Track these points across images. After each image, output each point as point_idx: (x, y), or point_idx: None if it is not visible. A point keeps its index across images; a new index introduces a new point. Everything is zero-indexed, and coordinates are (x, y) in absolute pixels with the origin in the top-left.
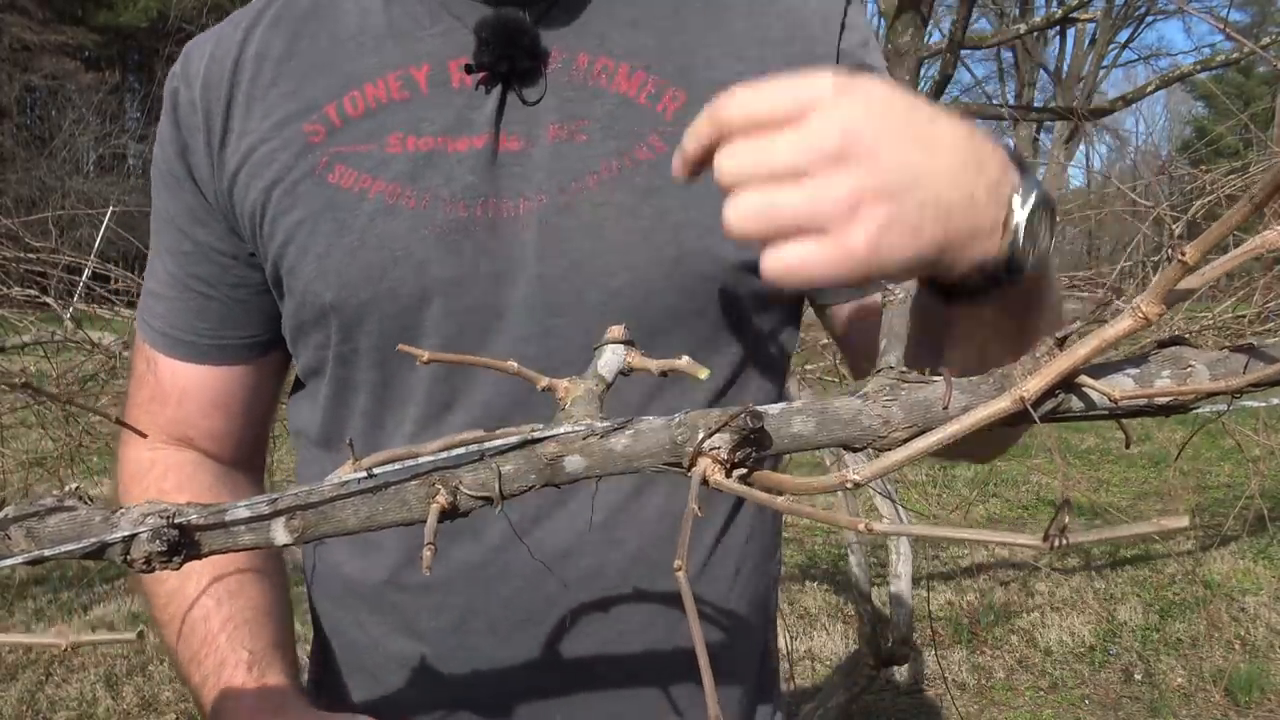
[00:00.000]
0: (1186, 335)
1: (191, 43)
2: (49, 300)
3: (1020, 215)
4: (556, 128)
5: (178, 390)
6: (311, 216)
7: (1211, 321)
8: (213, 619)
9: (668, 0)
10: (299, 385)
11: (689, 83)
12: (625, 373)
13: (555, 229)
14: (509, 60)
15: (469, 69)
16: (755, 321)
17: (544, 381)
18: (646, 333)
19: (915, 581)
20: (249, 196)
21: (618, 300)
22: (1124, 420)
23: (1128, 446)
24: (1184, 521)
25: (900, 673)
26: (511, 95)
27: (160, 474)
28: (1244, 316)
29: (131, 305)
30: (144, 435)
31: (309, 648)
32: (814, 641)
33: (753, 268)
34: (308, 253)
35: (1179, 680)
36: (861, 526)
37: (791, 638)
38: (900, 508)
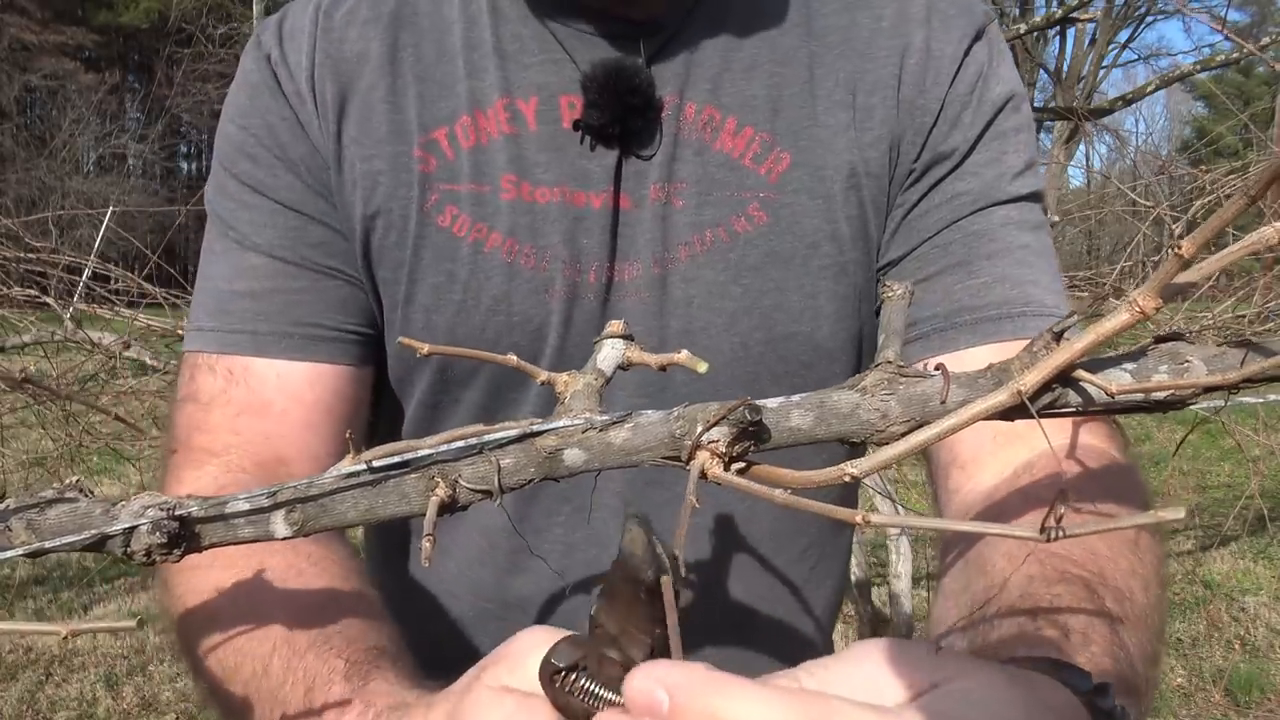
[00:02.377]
0: (1186, 333)
1: (285, 25)
2: (49, 300)
3: None
4: (657, 188)
5: (283, 397)
6: (418, 260)
7: (1211, 321)
8: (299, 640)
9: (784, 40)
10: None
11: (795, 144)
12: (624, 367)
13: (647, 303)
14: (621, 123)
15: (576, 125)
16: None
17: (543, 375)
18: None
19: (915, 581)
20: (355, 215)
21: (703, 382)
22: (1123, 421)
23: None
24: (1180, 513)
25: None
26: (628, 153)
27: (284, 567)
28: (1244, 316)
29: (132, 305)
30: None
31: None
32: None
33: (849, 348)
34: (413, 301)
35: (1179, 680)
36: (859, 519)
37: None
38: (900, 507)
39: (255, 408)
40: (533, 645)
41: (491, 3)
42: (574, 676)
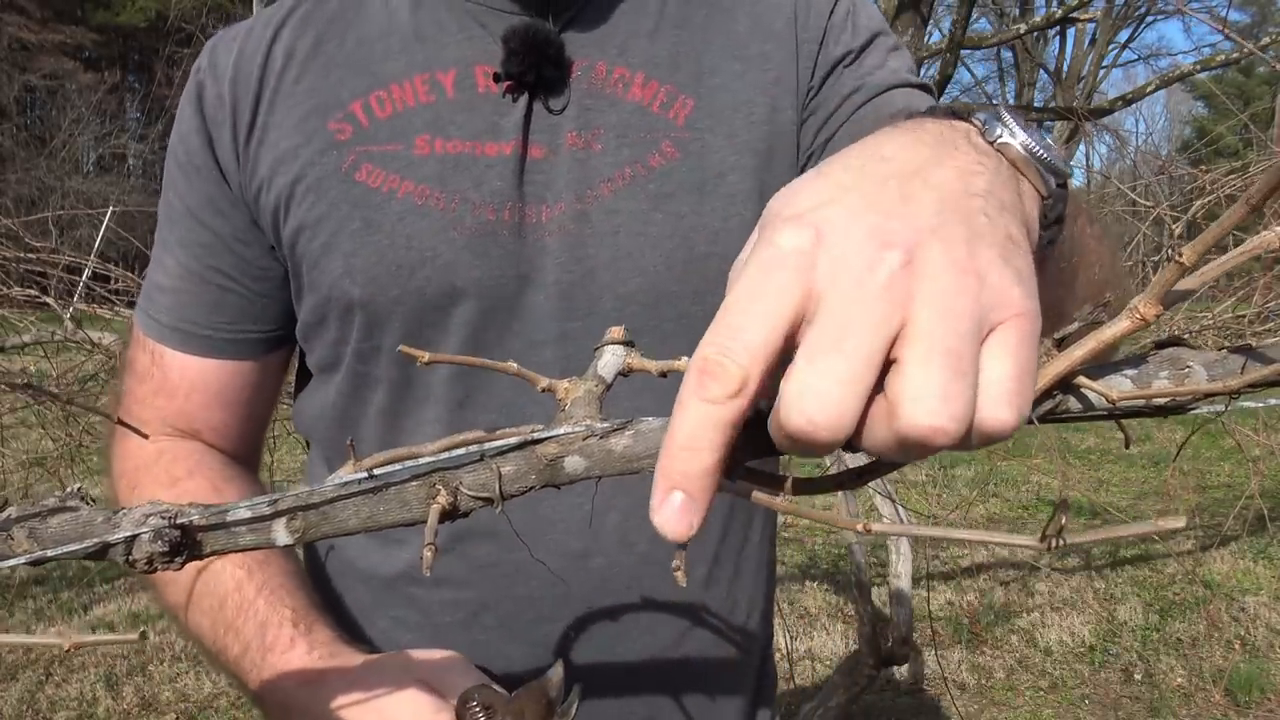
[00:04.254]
0: (1186, 336)
1: (218, 37)
2: (49, 300)
3: (1017, 142)
4: (574, 135)
5: (186, 384)
6: (338, 214)
7: (1211, 322)
8: (246, 586)
9: (681, 8)
10: (303, 382)
11: (697, 90)
12: (625, 374)
13: (572, 236)
14: (536, 70)
15: (497, 77)
16: None
17: (544, 383)
18: (659, 337)
19: (915, 581)
20: (273, 190)
21: (630, 305)
22: (1123, 421)
23: (1127, 447)
24: (1181, 522)
25: (900, 673)
26: (537, 104)
27: (170, 460)
28: (1244, 317)
29: (132, 305)
30: (145, 435)
31: None
32: (814, 641)
33: None
34: (333, 249)
35: (1179, 680)
36: (860, 527)
37: (791, 638)
38: (900, 507)
39: (166, 390)
40: (463, 672)
41: None
42: (479, 712)
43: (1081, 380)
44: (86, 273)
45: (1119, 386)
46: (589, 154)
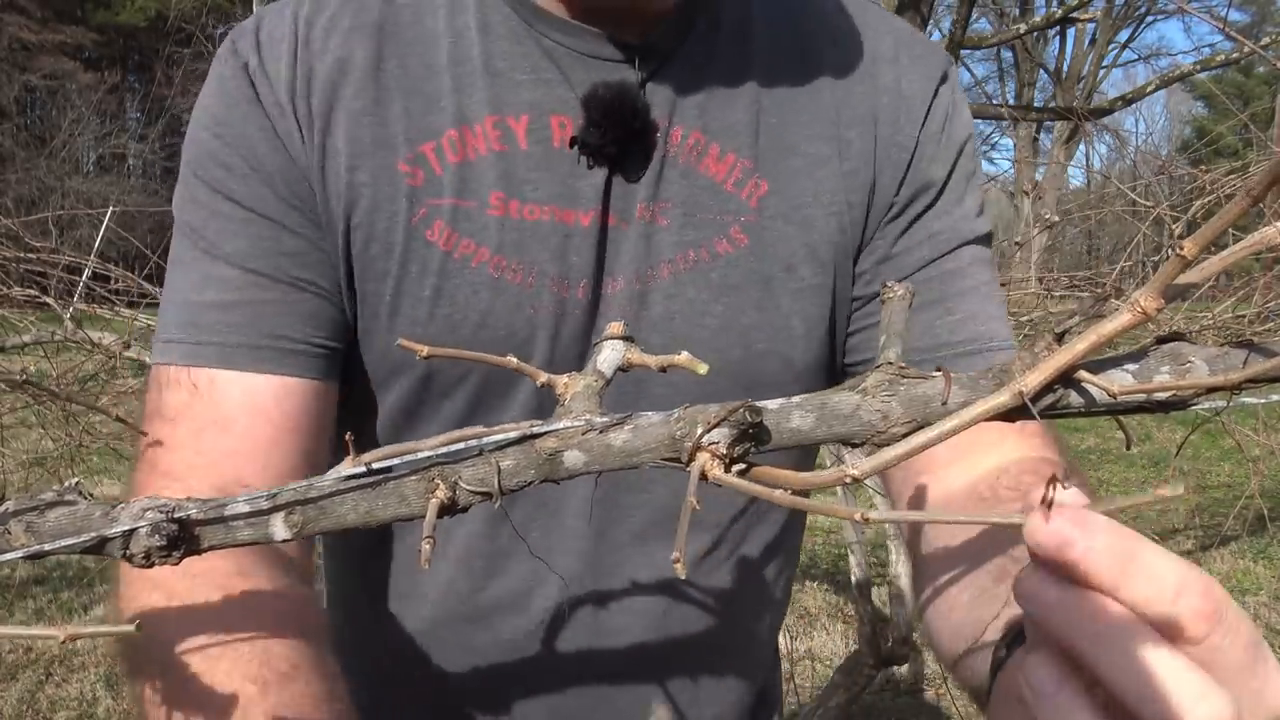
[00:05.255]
0: (1187, 333)
1: (249, 32)
2: (49, 300)
3: None
4: (643, 206)
5: (248, 413)
6: (407, 276)
7: (1211, 321)
8: (251, 713)
9: (768, 70)
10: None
11: (775, 170)
12: (624, 369)
13: (627, 317)
14: (620, 145)
15: (573, 142)
16: None
17: (543, 377)
18: None
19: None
20: (336, 226)
21: (680, 397)
22: (1124, 420)
23: (1128, 447)
24: (1180, 489)
25: (900, 673)
26: (616, 174)
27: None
28: (1244, 316)
29: (132, 305)
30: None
31: None
32: (814, 641)
33: (818, 370)
34: (400, 313)
35: None
36: (858, 516)
37: (791, 638)
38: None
39: (220, 423)
40: None
41: (481, 19)
42: None
43: (1082, 374)
44: (86, 273)
45: (1120, 381)
46: (653, 229)
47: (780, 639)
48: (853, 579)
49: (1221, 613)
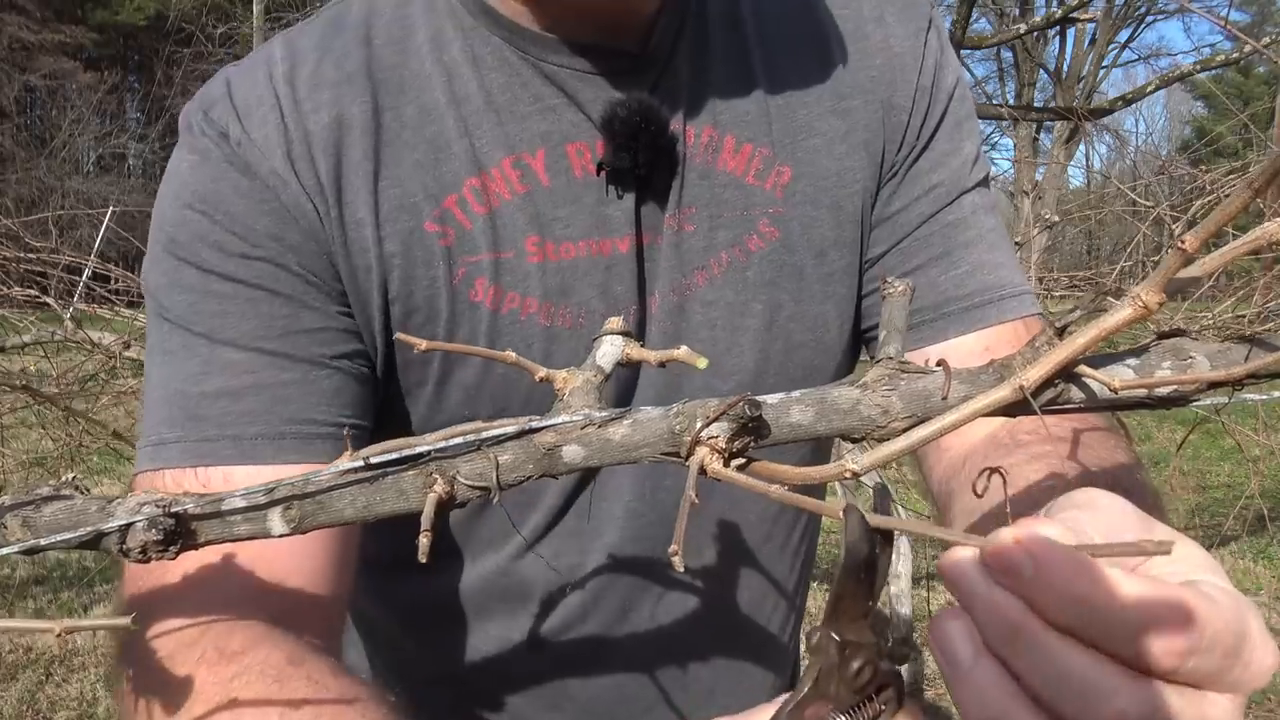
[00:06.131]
0: (1188, 331)
1: (237, 98)
2: (49, 300)
3: None
4: (670, 217)
5: None
6: (454, 339)
7: (1212, 321)
8: None
9: (766, 49)
10: None
11: (794, 154)
12: (623, 364)
13: (669, 334)
14: (650, 165)
15: (599, 169)
16: None
17: (542, 372)
18: None
19: (915, 581)
20: (370, 299)
21: (718, 392)
22: (1124, 420)
23: None
24: (1167, 548)
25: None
26: (646, 191)
27: (223, 633)
28: (1244, 316)
29: (132, 305)
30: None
31: None
32: None
33: (850, 349)
34: (451, 379)
35: None
36: (843, 508)
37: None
38: (900, 507)
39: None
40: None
41: (469, 53)
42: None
43: (1083, 369)
44: (86, 273)
45: (1121, 375)
46: (681, 237)
47: None
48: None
49: (1193, 645)
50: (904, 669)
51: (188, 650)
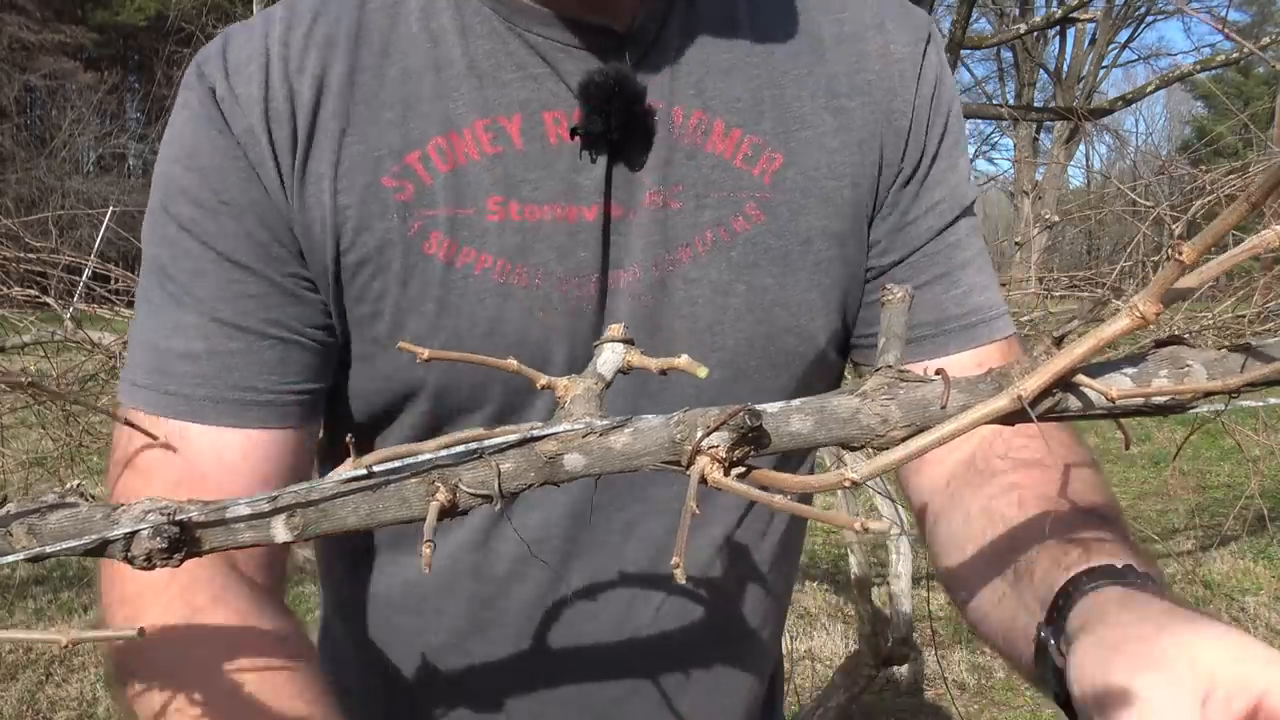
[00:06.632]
0: (1186, 335)
1: (219, 52)
2: (49, 300)
3: None
4: (653, 193)
5: (219, 469)
6: (406, 292)
7: (1211, 321)
8: None
9: (760, 38)
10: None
11: (786, 144)
12: (624, 371)
13: (648, 307)
14: (623, 130)
15: (574, 132)
16: (820, 389)
17: (543, 380)
18: (733, 401)
19: (915, 581)
20: (324, 254)
21: (705, 383)
22: (1123, 421)
23: (1127, 447)
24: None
25: (900, 673)
26: (618, 162)
27: (188, 583)
28: (1244, 316)
29: (132, 305)
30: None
31: None
32: (814, 641)
33: (835, 343)
34: (402, 329)
35: None
36: (858, 525)
37: (791, 638)
38: (900, 508)
39: (193, 479)
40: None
41: (459, 21)
42: None
43: (1081, 378)
44: (86, 273)
45: (1119, 384)
46: (667, 213)
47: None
48: (852, 579)
49: None
50: (904, 669)
51: (155, 596)
